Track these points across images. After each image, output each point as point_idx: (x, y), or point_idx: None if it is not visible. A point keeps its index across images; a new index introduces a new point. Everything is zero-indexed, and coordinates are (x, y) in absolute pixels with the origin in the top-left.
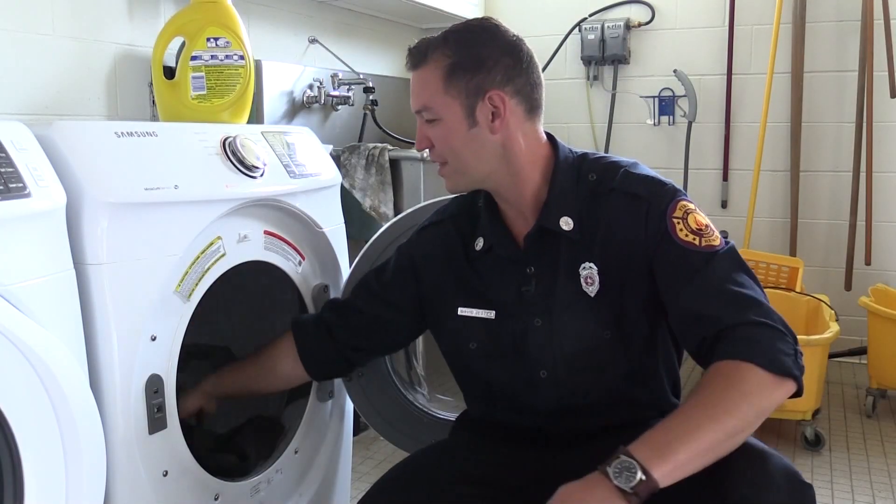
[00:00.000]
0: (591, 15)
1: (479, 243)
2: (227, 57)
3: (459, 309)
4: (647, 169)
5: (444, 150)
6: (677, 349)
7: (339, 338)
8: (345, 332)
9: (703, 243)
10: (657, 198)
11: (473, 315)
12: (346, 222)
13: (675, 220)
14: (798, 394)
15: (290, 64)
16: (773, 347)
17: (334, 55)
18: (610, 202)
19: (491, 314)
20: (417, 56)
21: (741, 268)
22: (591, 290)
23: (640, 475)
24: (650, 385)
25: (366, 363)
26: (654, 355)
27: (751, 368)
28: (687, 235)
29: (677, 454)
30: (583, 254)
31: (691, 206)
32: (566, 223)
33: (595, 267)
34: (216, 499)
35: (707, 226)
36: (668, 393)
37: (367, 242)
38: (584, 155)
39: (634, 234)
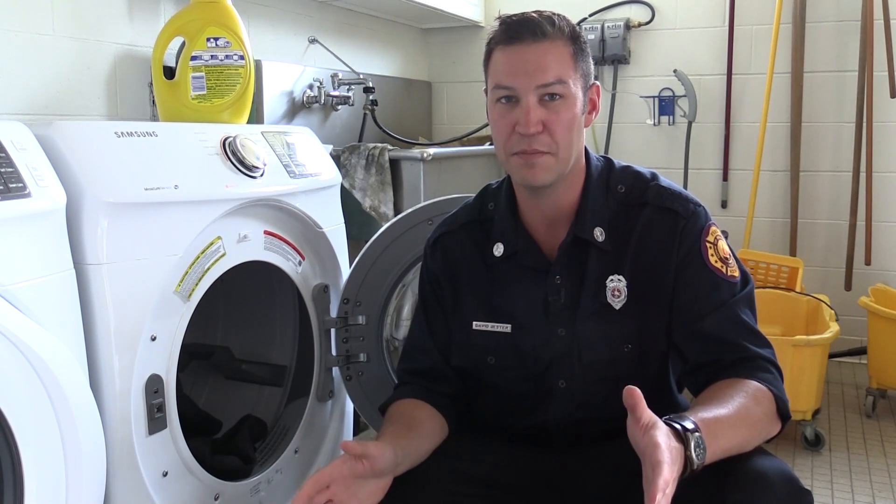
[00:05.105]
0: (590, 15)
1: (499, 249)
2: (227, 57)
3: (475, 323)
4: (670, 181)
5: (563, 134)
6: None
7: (452, 391)
8: (450, 386)
9: (729, 272)
10: (694, 217)
11: (489, 329)
12: (346, 222)
13: (708, 244)
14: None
15: (290, 64)
16: (784, 391)
17: (334, 55)
18: (643, 215)
19: (507, 328)
20: (538, 28)
21: (754, 307)
22: (617, 302)
23: (701, 461)
24: (663, 398)
25: None
26: (667, 369)
27: (772, 400)
28: (717, 262)
29: (720, 447)
30: (612, 266)
31: (719, 232)
32: (600, 233)
33: (624, 280)
34: (216, 499)
35: (731, 255)
36: (678, 406)
37: (367, 242)
38: (609, 162)
39: (667, 250)
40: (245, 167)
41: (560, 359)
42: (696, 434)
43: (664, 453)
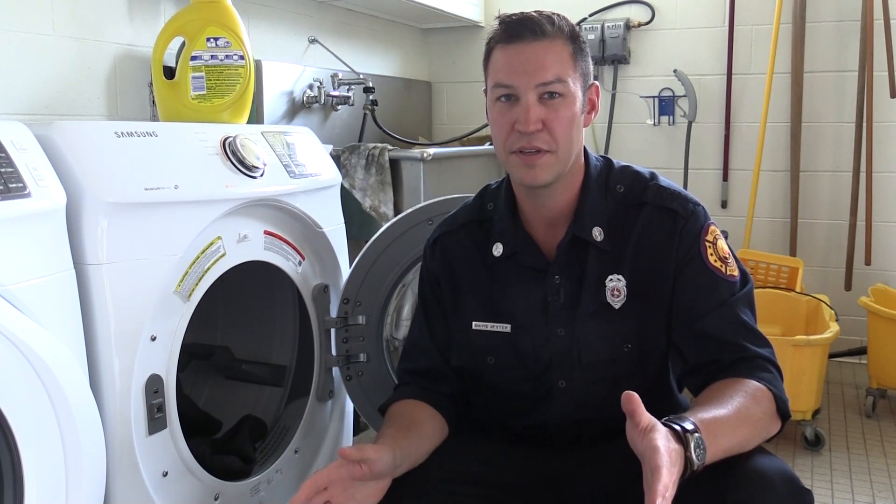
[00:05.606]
0: (590, 15)
1: (498, 249)
2: (227, 57)
3: (474, 323)
4: (669, 181)
5: (562, 132)
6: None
7: (452, 391)
8: (450, 385)
9: (728, 272)
10: (693, 217)
11: (489, 329)
12: (346, 222)
13: (707, 244)
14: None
15: (290, 64)
16: (783, 391)
17: (334, 55)
18: (642, 215)
19: (506, 328)
20: (538, 27)
21: (753, 306)
22: (617, 302)
23: (701, 462)
24: (662, 398)
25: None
26: (667, 369)
27: (772, 399)
28: (716, 261)
29: (720, 447)
30: (611, 265)
31: (718, 231)
32: (598, 233)
33: (623, 279)
34: (216, 499)
35: (730, 254)
36: (678, 405)
37: (367, 242)
38: (608, 162)
39: (666, 249)
40: (245, 167)
41: (560, 359)
42: (696, 435)
43: (663, 457)
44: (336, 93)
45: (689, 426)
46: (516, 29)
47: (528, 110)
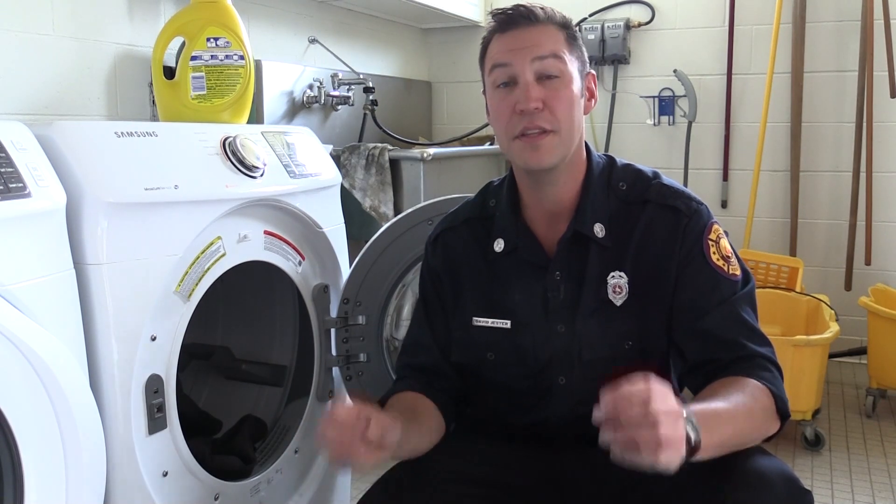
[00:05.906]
0: (590, 15)
1: (499, 245)
2: (227, 57)
3: (475, 319)
4: (672, 180)
5: (562, 111)
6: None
7: (451, 388)
8: (449, 382)
9: (730, 271)
10: (696, 215)
11: (490, 325)
12: (346, 222)
13: (710, 243)
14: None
15: (290, 64)
16: (783, 390)
17: (334, 55)
18: (645, 213)
19: (507, 324)
20: (531, 14)
21: (755, 306)
22: (618, 299)
23: (697, 438)
24: None
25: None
26: (667, 368)
27: (771, 398)
28: (718, 260)
29: (718, 435)
30: (613, 262)
31: (721, 230)
32: (600, 229)
33: (625, 276)
34: (216, 499)
35: (732, 253)
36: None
37: (367, 242)
38: (611, 160)
39: (669, 247)
40: (245, 167)
41: (560, 356)
42: (685, 413)
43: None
44: (336, 93)
45: (687, 414)
46: (511, 16)
47: (528, 89)
